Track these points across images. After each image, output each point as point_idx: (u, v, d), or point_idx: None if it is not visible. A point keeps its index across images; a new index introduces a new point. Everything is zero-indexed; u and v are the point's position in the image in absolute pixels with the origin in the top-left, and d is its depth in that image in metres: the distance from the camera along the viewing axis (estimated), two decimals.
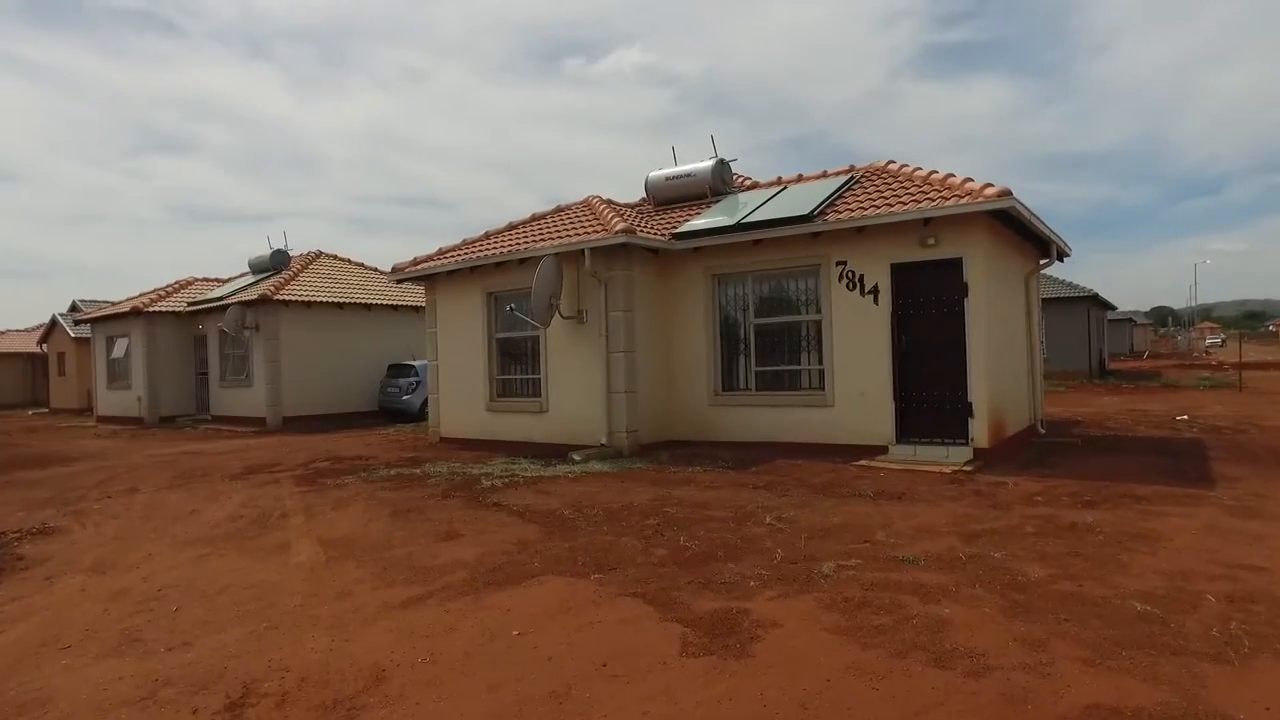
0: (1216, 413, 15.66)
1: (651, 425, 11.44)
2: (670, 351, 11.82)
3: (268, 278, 21.34)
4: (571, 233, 11.66)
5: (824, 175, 12.52)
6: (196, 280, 24.46)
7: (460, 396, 13.22)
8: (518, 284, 11.79)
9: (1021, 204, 9.11)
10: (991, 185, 9.16)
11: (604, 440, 11.01)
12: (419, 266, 13.40)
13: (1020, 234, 10.90)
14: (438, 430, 13.67)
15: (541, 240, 11.90)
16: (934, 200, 9.46)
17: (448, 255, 13.32)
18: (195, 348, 22.06)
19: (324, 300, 20.15)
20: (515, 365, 12.77)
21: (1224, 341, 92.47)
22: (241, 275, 23.53)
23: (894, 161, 11.63)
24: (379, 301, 21.12)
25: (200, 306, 21.21)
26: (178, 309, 21.85)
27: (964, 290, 9.39)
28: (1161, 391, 22.64)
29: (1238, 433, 12.34)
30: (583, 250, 10.91)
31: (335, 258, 24.22)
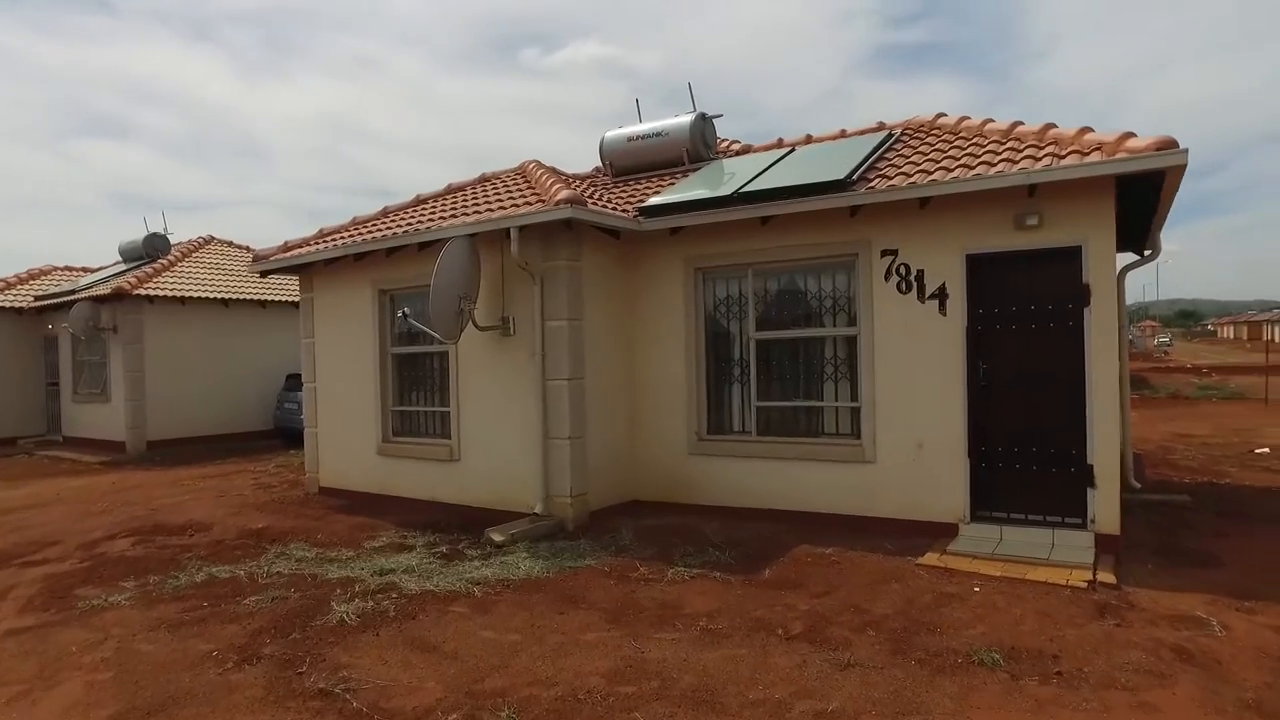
0: None
1: (607, 482, 8.05)
2: (634, 378, 8.43)
3: (139, 267, 17.36)
4: (497, 207, 8.19)
5: (842, 134, 9.26)
6: (56, 270, 20.25)
7: (344, 433, 9.65)
8: (419, 279, 8.27)
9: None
10: (1133, 134, 5.99)
11: (538, 508, 7.58)
12: (289, 254, 9.78)
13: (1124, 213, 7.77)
14: (315, 478, 10.06)
15: (451, 217, 8.40)
16: (1039, 160, 6.26)
17: (328, 238, 9.73)
18: (45, 353, 17.95)
19: (203, 295, 16.26)
20: (418, 392, 9.24)
21: (1171, 340, 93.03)
22: (114, 264, 19.45)
23: (945, 114, 8.42)
24: (277, 298, 17.27)
25: (50, 302, 17.10)
26: (21, 304, 17.70)
27: (1083, 294, 6.21)
28: (1176, 405, 20.14)
29: None
30: (508, 230, 7.46)
31: (230, 244, 20.26)
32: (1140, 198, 6.76)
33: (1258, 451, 11.95)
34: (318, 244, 9.61)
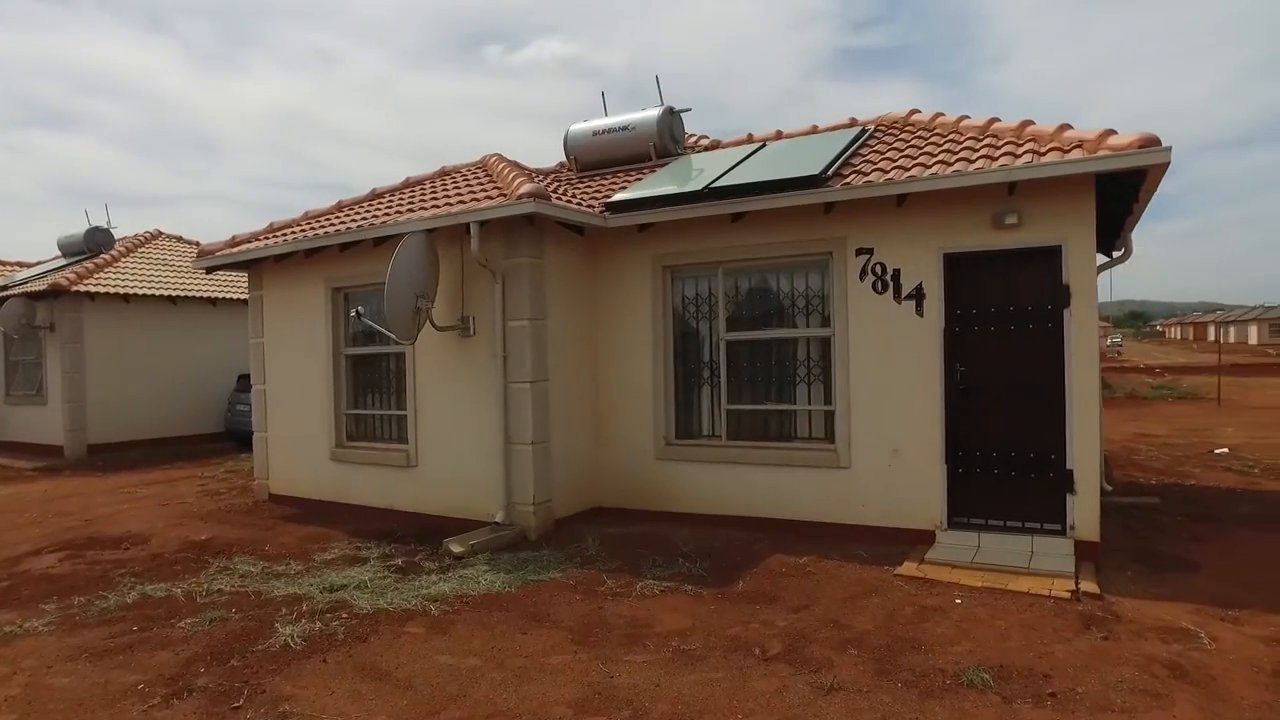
0: (1245, 442, 13.11)
1: (571, 489, 7.73)
2: (600, 380, 8.12)
3: (79, 263, 16.55)
4: (456, 202, 7.82)
5: (814, 130, 9.05)
6: None
7: (296, 438, 9.18)
8: (374, 276, 7.83)
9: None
10: (1113, 131, 5.84)
11: (500, 516, 7.23)
12: (237, 249, 9.27)
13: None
14: (265, 484, 9.57)
15: (408, 212, 8.00)
16: (1018, 157, 6.08)
17: (279, 233, 9.25)
18: None
19: (149, 293, 15.54)
20: (374, 395, 8.82)
21: (1123, 340, 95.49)
22: (53, 259, 18.57)
23: (918, 111, 8.25)
24: (228, 295, 16.61)
25: None
26: None
27: (1063, 296, 6.06)
28: (1134, 405, 20.40)
29: None
30: (468, 226, 7.10)
31: (180, 239, 19.47)
32: (1114, 197, 6.63)
33: (1217, 452, 12.05)
34: (267, 239, 9.13)
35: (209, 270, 9.94)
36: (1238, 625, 4.77)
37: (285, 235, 8.96)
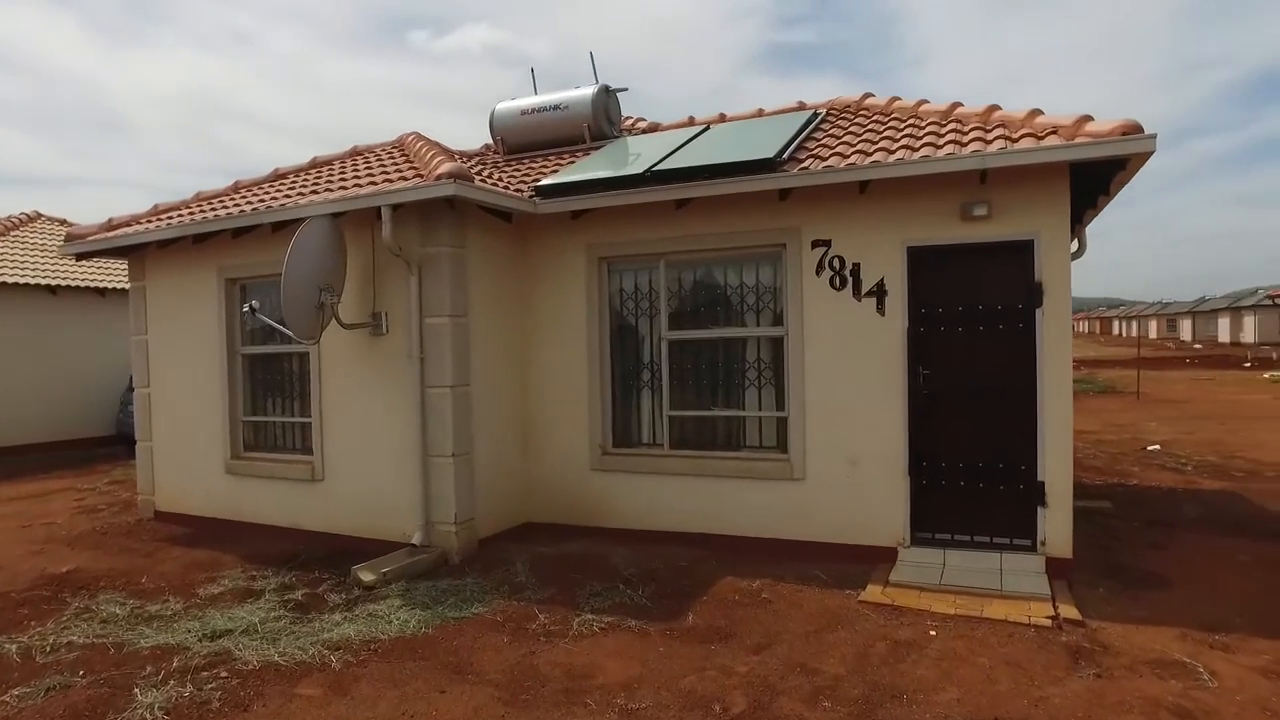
0: (1172, 437, 13.27)
1: (497, 505, 6.97)
2: (528, 383, 7.37)
3: None
4: (367, 183, 6.92)
5: (760, 113, 8.46)
6: None
7: (186, 448, 8.12)
8: (273, 266, 6.83)
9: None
10: (1090, 117, 5.41)
11: (417, 537, 6.42)
12: (114, 233, 8.14)
13: None
14: (150, 500, 8.47)
15: (312, 194, 7.07)
16: (989, 143, 5.60)
17: (164, 215, 8.16)
18: None
19: (21, 281, 13.97)
20: (275, 400, 7.84)
21: None
22: None
23: (872, 95, 7.74)
24: (117, 285, 15.12)
25: None
26: None
27: (1036, 294, 5.61)
28: None
29: (1258, 476, 9.67)
30: (380, 210, 6.24)
31: (64, 223, 17.70)
32: (1079, 189, 6.24)
33: (1150, 449, 12.10)
34: (149, 222, 8.03)
35: (79, 257, 8.73)
36: (1230, 654, 4.39)
37: (171, 218, 7.89)
